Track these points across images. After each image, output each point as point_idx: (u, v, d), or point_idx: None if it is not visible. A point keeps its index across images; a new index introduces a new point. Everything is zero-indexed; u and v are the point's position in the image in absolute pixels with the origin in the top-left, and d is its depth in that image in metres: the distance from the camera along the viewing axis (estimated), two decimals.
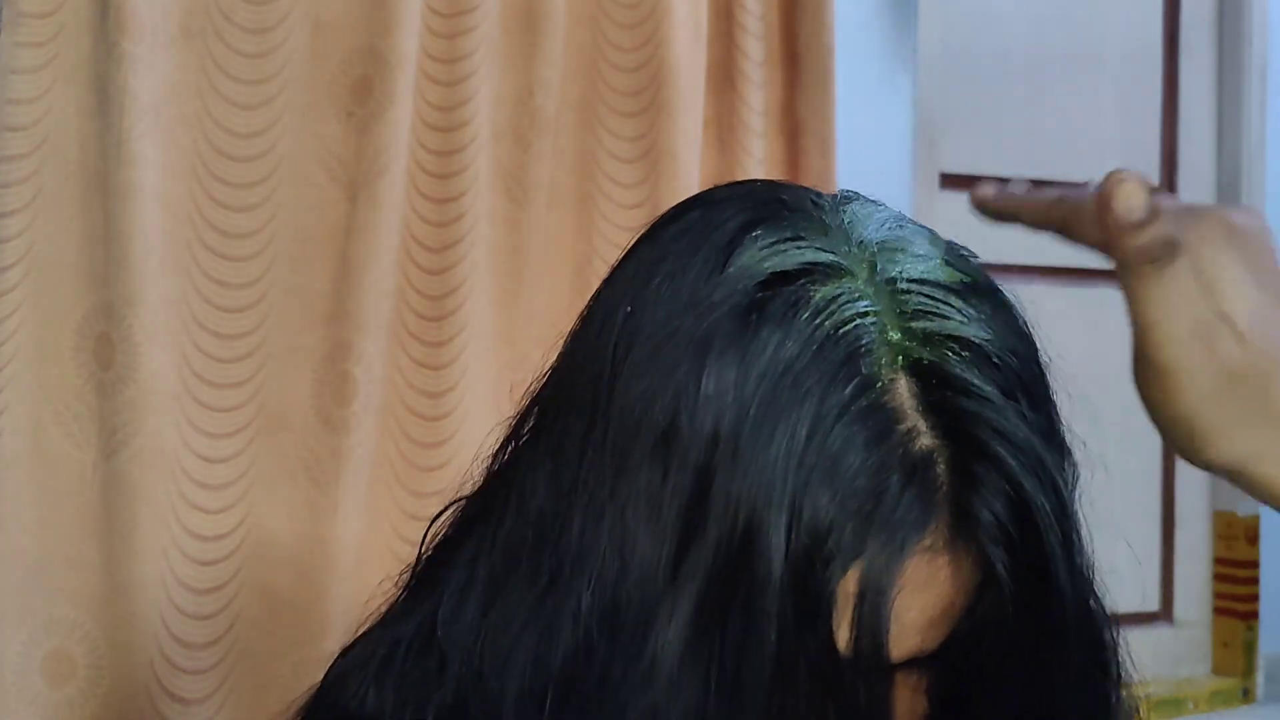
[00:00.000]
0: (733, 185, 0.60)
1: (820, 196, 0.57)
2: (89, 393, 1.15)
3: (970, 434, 0.50)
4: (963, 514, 0.50)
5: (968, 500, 0.50)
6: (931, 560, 0.50)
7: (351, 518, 1.23)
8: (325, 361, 1.24)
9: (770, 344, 0.50)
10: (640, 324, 0.53)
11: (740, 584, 0.49)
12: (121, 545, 1.14)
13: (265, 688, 1.19)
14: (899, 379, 0.51)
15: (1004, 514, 0.50)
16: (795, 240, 0.53)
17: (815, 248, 0.53)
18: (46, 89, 1.14)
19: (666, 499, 0.51)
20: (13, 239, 1.13)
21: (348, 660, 0.61)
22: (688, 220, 0.56)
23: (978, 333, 0.52)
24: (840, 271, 0.52)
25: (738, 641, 0.49)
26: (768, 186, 0.58)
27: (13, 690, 1.11)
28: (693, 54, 1.41)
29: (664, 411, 0.51)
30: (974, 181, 0.57)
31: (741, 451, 0.49)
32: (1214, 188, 2.18)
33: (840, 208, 0.56)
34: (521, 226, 1.34)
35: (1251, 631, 2.16)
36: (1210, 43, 2.18)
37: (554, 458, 0.55)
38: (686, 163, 1.39)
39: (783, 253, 0.52)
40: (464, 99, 1.29)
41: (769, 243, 0.53)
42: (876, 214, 0.56)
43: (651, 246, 0.56)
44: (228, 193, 1.21)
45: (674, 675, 0.50)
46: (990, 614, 0.52)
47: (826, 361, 0.50)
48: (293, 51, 1.24)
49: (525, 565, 0.54)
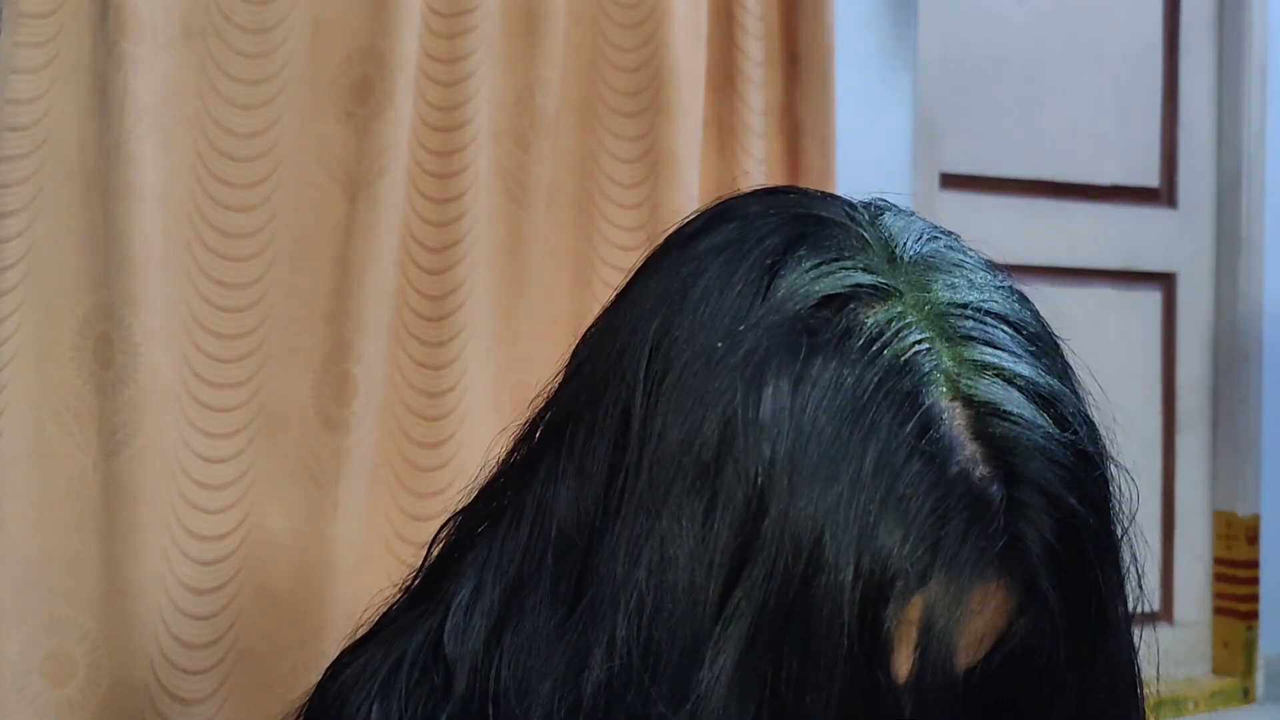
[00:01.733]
0: (765, 196, 0.58)
1: (855, 209, 0.56)
2: (89, 393, 1.15)
3: (1022, 462, 0.50)
4: (1015, 542, 0.50)
5: (1020, 529, 0.50)
6: (986, 587, 0.50)
7: (351, 518, 1.23)
8: (325, 361, 1.24)
9: (826, 371, 0.50)
10: (678, 345, 0.52)
11: (798, 617, 0.48)
12: (121, 545, 1.14)
13: (265, 687, 1.19)
14: (956, 408, 0.50)
15: (1053, 542, 0.50)
16: (839, 260, 0.52)
17: (860, 268, 0.52)
18: (46, 89, 1.14)
19: (714, 529, 0.49)
20: (13, 239, 1.13)
21: (349, 672, 0.60)
22: (724, 235, 0.55)
23: (1024, 358, 0.52)
24: (887, 293, 0.52)
25: (796, 676, 0.48)
26: (803, 199, 0.57)
27: (13, 690, 1.11)
28: (693, 54, 1.41)
29: (711, 439, 0.50)
30: (974, 181, 0.57)
31: (801, 482, 0.49)
32: (1214, 188, 2.18)
33: (876, 220, 0.56)
34: (521, 226, 1.34)
35: (1251, 631, 2.16)
36: (1210, 42, 2.18)
37: (577, 477, 0.54)
38: (686, 163, 1.39)
39: (830, 275, 0.52)
40: (464, 99, 1.29)
41: (814, 264, 0.52)
42: (912, 226, 0.56)
43: (682, 260, 0.55)
44: (228, 193, 1.21)
45: (721, 712, 0.48)
46: (1033, 635, 0.52)
47: (890, 392, 0.50)
48: (293, 51, 1.24)
49: (545, 586, 0.53)
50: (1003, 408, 0.51)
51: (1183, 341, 2.17)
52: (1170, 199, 2.16)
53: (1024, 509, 0.50)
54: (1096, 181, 2.09)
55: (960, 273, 0.54)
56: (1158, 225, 2.14)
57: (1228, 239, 2.17)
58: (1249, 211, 2.16)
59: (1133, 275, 2.12)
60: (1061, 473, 0.51)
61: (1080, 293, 2.06)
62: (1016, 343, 0.52)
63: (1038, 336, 0.54)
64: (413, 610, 0.61)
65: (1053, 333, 0.56)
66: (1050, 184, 2.04)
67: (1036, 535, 0.50)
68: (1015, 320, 0.53)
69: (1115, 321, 2.10)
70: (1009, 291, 0.55)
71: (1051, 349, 0.54)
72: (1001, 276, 0.56)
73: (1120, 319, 2.11)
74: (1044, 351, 0.53)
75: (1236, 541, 2.17)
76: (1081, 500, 0.51)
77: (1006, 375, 0.51)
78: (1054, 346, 0.55)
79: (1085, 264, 2.07)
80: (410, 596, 0.62)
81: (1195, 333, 2.17)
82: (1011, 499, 0.50)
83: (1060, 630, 0.51)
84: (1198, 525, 2.18)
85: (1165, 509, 2.16)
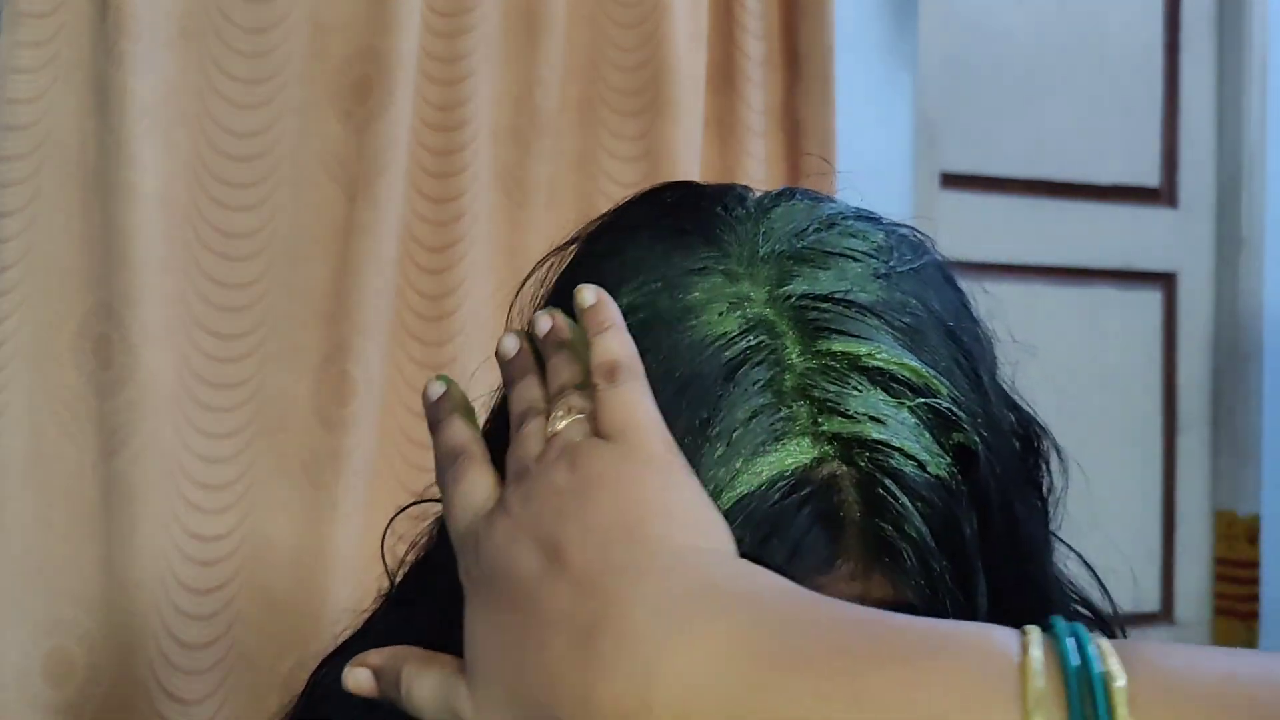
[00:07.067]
0: (646, 203, 0.59)
1: (741, 204, 0.56)
2: (88, 393, 1.15)
3: (873, 459, 0.49)
4: (873, 540, 0.50)
5: (876, 526, 0.49)
6: (845, 587, 0.49)
7: (351, 518, 1.23)
8: (324, 361, 1.23)
9: (659, 378, 0.49)
10: None
11: None
12: (121, 545, 1.14)
13: (264, 688, 1.19)
14: (799, 406, 0.50)
15: (911, 539, 0.49)
16: (693, 271, 0.53)
17: (715, 273, 0.52)
18: (46, 89, 1.14)
19: None
20: (12, 239, 1.13)
21: (331, 680, 0.59)
22: (605, 242, 0.57)
23: (884, 345, 0.51)
24: (737, 296, 0.52)
25: None
26: (678, 202, 0.58)
27: (13, 690, 1.11)
28: (693, 54, 1.41)
29: None
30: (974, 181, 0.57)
31: None
32: (1214, 188, 2.18)
33: (769, 212, 0.56)
34: (521, 226, 1.34)
35: (1251, 631, 2.15)
36: (1210, 42, 2.18)
37: None
38: (686, 163, 1.39)
39: (671, 293, 0.52)
40: (464, 99, 1.29)
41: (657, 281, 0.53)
42: (799, 217, 0.55)
43: (575, 263, 0.58)
44: (227, 193, 1.21)
45: None
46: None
47: (725, 395, 0.49)
48: (292, 51, 1.24)
49: None
50: (853, 402, 0.50)
51: (1183, 341, 2.16)
52: (1170, 199, 2.16)
53: (878, 505, 0.49)
54: (1097, 181, 2.08)
55: (835, 262, 0.53)
56: (1158, 225, 2.14)
57: (1228, 239, 2.17)
58: (1249, 211, 2.16)
59: (1133, 275, 2.12)
60: (917, 466, 0.50)
61: (1080, 293, 2.05)
62: (882, 332, 0.51)
63: (911, 327, 0.52)
64: (392, 615, 0.60)
65: (955, 322, 0.54)
66: (1050, 184, 2.03)
67: (893, 532, 0.49)
68: (882, 309, 0.52)
69: (1115, 321, 2.10)
70: (895, 279, 0.54)
71: (934, 337, 0.53)
72: (897, 262, 0.54)
73: (1120, 319, 2.11)
74: (918, 341, 0.52)
75: (1237, 541, 2.17)
76: (916, 499, 0.49)
77: (859, 365, 0.50)
78: (945, 334, 0.53)
79: (1085, 264, 2.06)
80: (390, 603, 0.62)
81: (1195, 333, 2.17)
82: (865, 496, 0.49)
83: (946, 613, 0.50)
84: (1198, 525, 2.18)
85: (1165, 509, 2.16)
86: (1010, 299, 0.63)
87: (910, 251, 0.55)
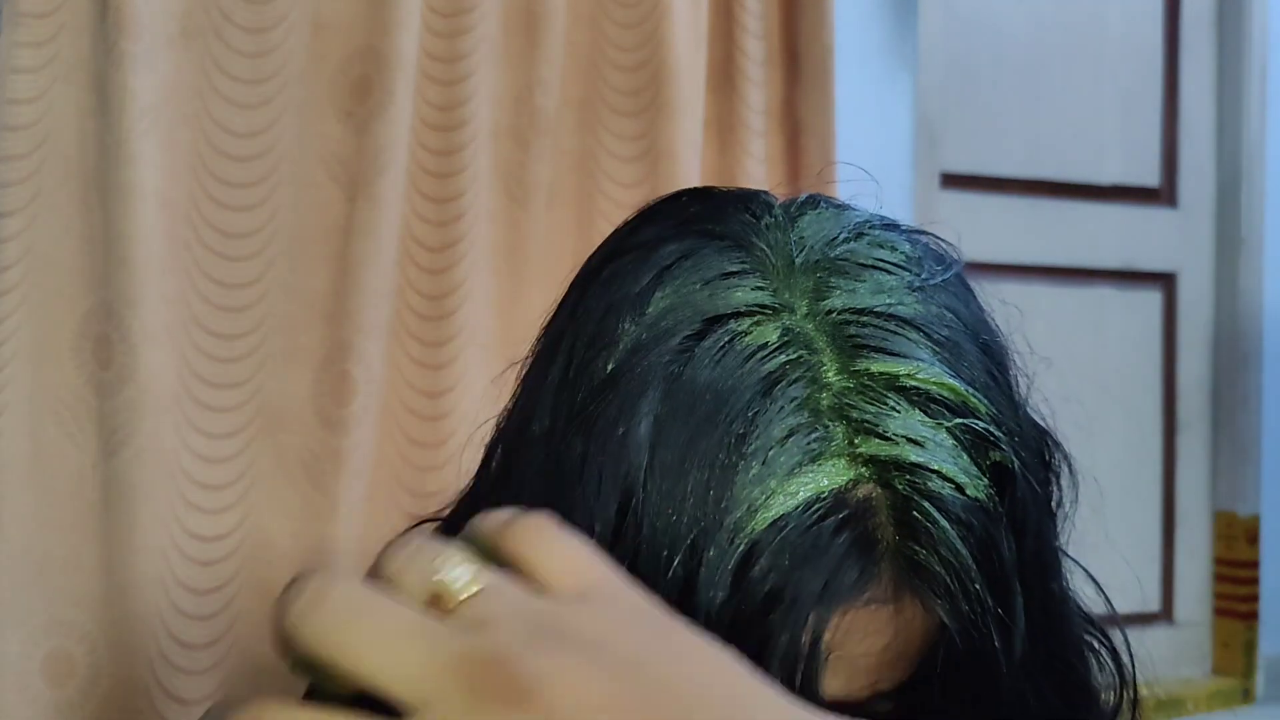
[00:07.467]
0: (668, 208, 0.58)
1: (769, 213, 0.55)
2: (88, 393, 1.15)
3: (910, 482, 0.49)
4: (906, 564, 0.49)
5: (910, 550, 0.49)
6: (877, 610, 0.49)
7: (351, 518, 1.23)
8: (324, 362, 1.23)
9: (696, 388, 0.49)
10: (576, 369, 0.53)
11: None
12: (121, 545, 1.14)
13: (265, 688, 1.19)
14: (836, 426, 0.49)
15: (948, 562, 0.49)
16: (726, 278, 0.52)
17: (748, 286, 0.52)
18: (46, 89, 1.14)
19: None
20: (12, 239, 1.13)
21: None
22: (620, 266, 0.55)
23: (922, 363, 0.50)
24: (775, 309, 0.51)
25: None
26: (706, 208, 0.56)
27: (13, 690, 1.11)
28: (693, 54, 1.41)
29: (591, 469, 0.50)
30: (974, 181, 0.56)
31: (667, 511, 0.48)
32: (1214, 188, 2.18)
33: (796, 221, 0.55)
34: (521, 226, 1.34)
35: (1251, 632, 2.16)
36: (1210, 42, 2.18)
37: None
38: (686, 163, 1.39)
39: (714, 295, 0.51)
40: (464, 99, 1.29)
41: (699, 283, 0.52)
42: (829, 226, 0.55)
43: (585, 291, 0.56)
44: (227, 193, 1.21)
45: None
46: (949, 656, 0.50)
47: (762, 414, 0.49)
48: (292, 51, 1.24)
49: None
50: (892, 423, 0.49)
51: (1183, 341, 2.17)
52: (1170, 199, 2.16)
53: (913, 530, 0.49)
54: (1097, 181, 2.09)
55: (870, 275, 0.52)
56: (1158, 225, 2.14)
57: (1228, 239, 2.17)
58: (1249, 211, 2.16)
59: (1133, 275, 2.12)
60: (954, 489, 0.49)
61: (1080, 293, 2.06)
62: (922, 348, 0.51)
63: (950, 341, 0.52)
64: None
65: (987, 335, 0.54)
66: (1051, 184, 2.04)
67: (928, 557, 0.49)
68: (922, 323, 0.51)
69: (1115, 321, 2.10)
70: (930, 292, 0.53)
71: (971, 352, 0.52)
72: (929, 275, 0.54)
73: (1120, 319, 2.11)
74: (957, 356, 0.51)
75: (1236, 541, 2.17)
76: (954, 522, 0.48)
77: (900, 384, 0.50)
78: (979, 349, 0.53)
79: (1085, 264, 2.07)
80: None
81: (1195, 333, 2.17)
82: (899, 520, 0.49)
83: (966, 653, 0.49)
84: (1198, 525, 2.18)
85: (1165, 509, 2.16)
86: (1010, 299, 0.63)
87: (938, 262, 0.55)
